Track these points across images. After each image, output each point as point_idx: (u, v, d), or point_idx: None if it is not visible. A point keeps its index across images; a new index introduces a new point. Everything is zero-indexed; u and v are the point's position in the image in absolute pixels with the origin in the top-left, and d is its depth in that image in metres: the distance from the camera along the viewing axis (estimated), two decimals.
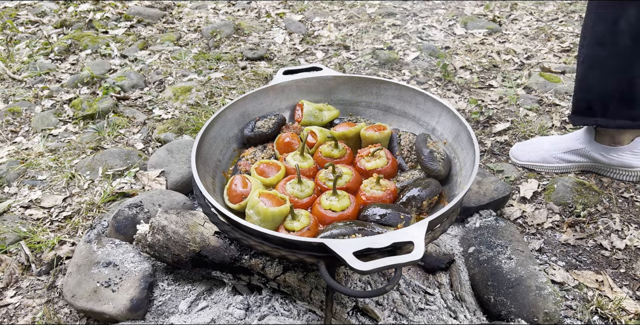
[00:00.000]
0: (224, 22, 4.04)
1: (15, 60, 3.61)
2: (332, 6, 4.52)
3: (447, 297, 1.68)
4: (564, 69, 3.22)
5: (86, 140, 2.64)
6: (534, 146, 2.32)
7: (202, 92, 3.04)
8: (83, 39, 3.81)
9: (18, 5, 4.54)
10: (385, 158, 1.61)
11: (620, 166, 2.16)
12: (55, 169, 2.43)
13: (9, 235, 1.98)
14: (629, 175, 2.18)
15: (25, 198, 2.23)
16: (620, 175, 2.20)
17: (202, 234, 1.63)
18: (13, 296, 1.79)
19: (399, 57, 3.47)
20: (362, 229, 1.30)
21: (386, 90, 1.85)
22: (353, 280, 1.61)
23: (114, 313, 1.58)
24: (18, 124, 2.87)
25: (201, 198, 1.38)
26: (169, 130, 2.65)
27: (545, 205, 2.11)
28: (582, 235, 1.98)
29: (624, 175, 2.19)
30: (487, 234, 1.87)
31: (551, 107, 2.83)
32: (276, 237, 1.21)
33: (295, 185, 1.49)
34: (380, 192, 1.47)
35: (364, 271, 1.04)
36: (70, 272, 1.71)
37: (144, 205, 1.93)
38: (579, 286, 1.77)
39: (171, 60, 3.57)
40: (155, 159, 2.33)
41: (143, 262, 1.74)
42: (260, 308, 1.60)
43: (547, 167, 2.27)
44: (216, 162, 1.66)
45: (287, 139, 1.71)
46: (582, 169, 2.27)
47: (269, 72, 3.32)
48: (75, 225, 2.07)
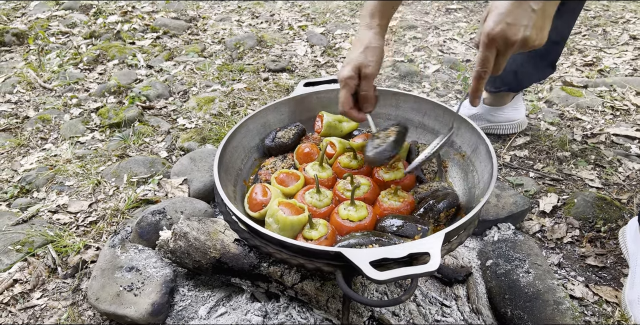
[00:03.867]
0: (248, 34, 4.13)
1: (46, 69, 3.73)
2: (354, 19, 4.58)
3: (463, 309, 1.68)
4: (586, 83, 3.20)
5: (112, 148, 2.71)
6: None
7: (225, 102, 3.11)
8: (111, 49, 3.93)
9: (50, 17, 4.71)
10: (403, 169, 1.63)
11: (505, 121, 2.61)
12: (82, 175, 2.50)
13: (37, 238, 2.05)
14: (512, 128, 2.65)
15: (53, 203, 2.30)
16: (506, 129, 2.65)
17: (223, 241, 1.67)
18: (39, 298, 1.84)
19: (420, 69, 3.49)
20: (379, 240, 1.32)
21: (405, 102, 1.88)
22: (370, 290, 1.62)
23: (135, 316, 1.62)
24: (47, 131, 2.97)
25: (222, 206, 1.42)
26: (192, 139, 2.71)
27: (565, 220, 2.10)
28: (603, 251, 1.96)
29: (509, 129, 2.65)
30: (506, 247, 1.87)
31: (572, 121, 2.81)
32: (294, 245, 1.24)
33: (314, 195, 1.52)
34: (398, 203, 1.49)
35: (380, 281, 1.06)
36: (94, 275, 1.76)
37: (166, 212, 1.98)
38: (598, 302, 1.75)
39: (195, 71, 3.65)
40: (178, 167, 2.38)
41: (165, 268, 1.78)
42: (278, 315, 1.62)
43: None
44: (237, 171, 1.70)
45: (306, 150, 1.74)
46: (485, 131, 2.33)
47: (290, 83, 3.38)
48: (100, 230, 2.13)
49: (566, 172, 2.39)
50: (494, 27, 1.18)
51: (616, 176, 2.35)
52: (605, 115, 2.85)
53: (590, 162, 2.45)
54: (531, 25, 1.18)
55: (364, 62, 1.52)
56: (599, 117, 2.84)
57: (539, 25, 1.19)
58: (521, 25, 1.17)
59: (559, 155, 2.50)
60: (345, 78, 1.51)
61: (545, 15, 1.20)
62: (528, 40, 1.18)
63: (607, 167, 2.41)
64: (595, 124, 2.77)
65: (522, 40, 1.18)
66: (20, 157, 2.73)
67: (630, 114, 2.86)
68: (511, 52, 1.22)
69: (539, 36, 1.21)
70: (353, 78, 1.52)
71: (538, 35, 1.20)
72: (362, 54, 1.52)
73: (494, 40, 1.19)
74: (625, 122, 2.77)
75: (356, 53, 1.53)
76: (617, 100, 2.99)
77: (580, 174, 2.37)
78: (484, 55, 1.23)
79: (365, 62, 1.52)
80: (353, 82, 1.53)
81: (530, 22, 1.17)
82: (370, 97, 1.58)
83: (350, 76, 1.51)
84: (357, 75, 1.53)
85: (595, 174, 2.37)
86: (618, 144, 2.59)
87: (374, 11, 1.60)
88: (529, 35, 1.18)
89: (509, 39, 1.18)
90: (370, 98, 1.58)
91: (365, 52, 1.52)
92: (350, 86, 1.53)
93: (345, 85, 1.53)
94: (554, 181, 2.35)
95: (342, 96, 1.55)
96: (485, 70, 1.26)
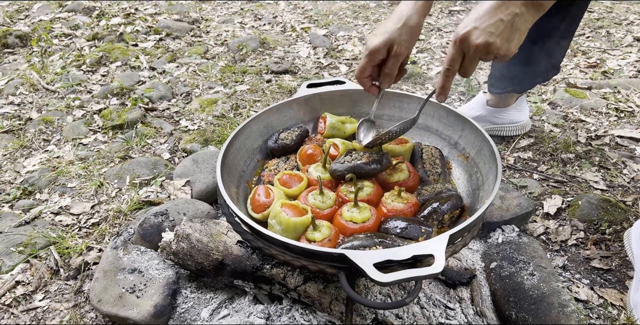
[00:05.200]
0: (250, 36, 4.13)
1: (49, 71, 3.74)
2: (357, 21, 4.58)
3: (467, 312, 1.67)
4: (590, 84, 3.19)
5: (115, 150, 2.71)
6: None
7: (228, 104, 3.11)
8: (114, 51, 3.93)
9: (53, 19, 4.72)
10: (407, 171, 1.62)
11: (509, 123, 2.60)
12: (84, 177, 2.50)
13: (39, 240, 2.05)
14: (516, 129, 2.63)
15: (56, 205, 2.30)
16: (510, 131, 2.64)
17: (225, 243, 1.66)
18: (42, 299, 1.84)
19: (423, 71, 3.48)
20: (383, 241, 1.31)
21: (409, 104, 1.87)
22: (373, 292, 1.61)
23: (137, 318, 1.62)
24: (50, 133, 2.97)
25: (225, 207, 1.41)
26: (195, 141, 2.71)
27: (569, 222, 2.09)
28: (608, 254, 1.94)
29: (513, 130, 2.64)
30: (510, 249, 1.86)
31: (576, 123, 2.80)
32: (297, 247, 1.24)
33: (317, 197, 1.51)
34: (402, 205, 1.48)
35: (383, 283, 1.05)
36: (96, 277, 1.75)
37: (169, 214, 1.98)
38: (603, 304, 1.74)
39: (198, 72, 3.65)
40: (181, 169, 2.38)
41: (167, 270, 1.77)
42: (281, 318, 1.61)
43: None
44: (240, 173, 1.70)
45: (309, 151, 1.74)
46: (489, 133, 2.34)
47: (293, 85, 3.37)
48: (103, 232, 2.12)
49: (570, 174, 2.38)
50: (461, 30, 1.26)
51: (621, 178, 2.33)
52: (610, 117, 2.84)
53: (595, 164, 2.43)
54: (496, 34, 1.23)
55: (397, 40, 1.45)
56: (603, 119, 2.82)
57: (505, 36, 1.24)
58: (486, 31, 1.23)
59: (563, 157, 2.49)
60: (373, 50, 1.46)
61: (514, 28, 1.24)
62: (491, 46, 1.23)
63: (612, 169, 2.39)
64: (599, 125, 2.76)
65: (485, 45, 1.23)
66: (23, 158, 2.73)
67: (634, 115, 2.84)
68: (475, 55, 1.26)
69: (505, 46, 1.25)
70: (381, 53, 1.47)
71: (503, 45, 1.24)
72: (398, 30, 1.45)
73: (460, 42, 1.26)
74: (629, 124, 2.76)
75: (392, 26, 1.46)
76: (622, 102, 2.97)
77: (584, 176, 2.35)
78: (451, 54, 1.30)
79: (399, 39, 1.45)
80: (379, 57, 1.48)
81: (495, 30, 1.22)
82: (392, 75, 1.53)
83: (378, 50, 1.46)
84: (387, 51, 1.47)
85: (600, 176, 2.35)
86: (622, 146, 2.57)
87: None
88: (492, 41, 1.22)
89: (472, 42, 1.24)
90: (391, 76, 1.53)
91: (402, 29, 1.45)
92: (374, 59, 1.49)
93: (370, 56, 1.48)
94: (558, 183, 2.33)
95: (361, 63, 1.51)
96: (449, 69, 1.32)
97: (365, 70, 1.53)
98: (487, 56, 1.27)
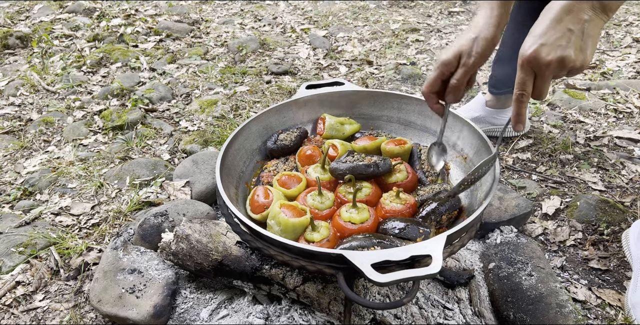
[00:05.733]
0: (250, 37, 4.14)
1: (50, 72, 3.75)
2: (357, 22, 4.59)
3: (466, 312, 1.67)
4: (589, 85, 3.20)
5: (115, 151, 2.72)
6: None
7: (228, 105, 3.11)
8: (114, 52, 3.95)
9: (53, 20, 4.73)
10: (405, 172, 1.63)
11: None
12: (84, 177, 2.51)
13: (39, 240, 2.05)
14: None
15: (56, 205, 2.31)
16: (509, 132, 2.66)
17: (225, 244, 1.67)
18: (42, 300, 1.85)
19: (422, 72, 3.49)
20: (381, 242, 1.32)
21: (407, 105, 1.88)
22: (372, 292, 1.62)
23: (137, 319, 1.62)
24: (50, 134, 2.98)
25: (224, 208, 1.42)
26: (195, 141, 2.72)
27: (567, 223, 2.09)
28: (606, 254, 1.95)
29: (512, 131, 2.66)
30: (508, 250, 1.86)
31: (575, 124, 2.81)
32: (296, 248, 1.24)
33: (316, 197, 1.52)
34: (400, 206, 1.49)
35: (381, 283, 1.06)
36: (96, 277, 1.76)
37: (169, 214, 1.98)
38: (601, 305, 1.74)
39: (198, 73, 3.66)
40: (180, 170, 2.39)
41: (167, 270, 1.78)
42: (280, 318, 1.62)
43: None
44: (239, 174, 1.70)
45: (308, 152, 1.74)
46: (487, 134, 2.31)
47: (292, 86, 3.38)
48: (103, 232, 2.13)
49: (569, 175, 2.39)
50: (527, 49, 1.16)
51: (619, 179, 2.34)
52: (608, 118, 2.85)
53: (593, 165, 2.44)
54: (568, 46, 1.13)
55: (468, 51, 1.41)
56: (602, 120, 2.83)
57: (578, 46, 1.14)
58: (556, 45, 1.13)
59: (562, 158, 2.50)
60: (443, 63, 1.43)
61: (586, 35, 1.15)
62: (565, 60, 1.13)
63: (610, 169, 2.40)
64: (598, 126, 2.77)
65: (558, 60, 1.14)
66: (23, 159, 2.74)
67: (633, 116, 2.85)
68: (549, 73, 1.17)
69: (580, 57, 1.15)
70: (451, 65, 1.43)
71: (578, 56, 1.15)
72: (470, 42, 1.41)
73: (528, 62, 1.16)
74: (628, 125, 2.76)
75: (466, 39, 1.43)
76: (620, 103, 2.98)
77: (583, 177, 2.36)
78: (521, 78, 1.20)
79: (470, 51, 1.41)
80: (448, 69, 1.45)
81: (566, 43, 1.13)
82: (459, 88, 1.47)
83: (449, 62, 1.43)
84: (457, 62, 1.43)
85: (598, 177, 2.36)
86: (621, 147, 2.58)
87: None
88: (566, 55, 1.13)
89: (543, 59, 1.14)
90: (458, 89, 1.48)
91: (474, 41, 1.41)
92: (443, 72, 1.45)
93: (438, 69, 1.45)
94: (556, 184, 2.34)
95: (431, 76, 1.47)
96: (523, 93, 1.21)
97: (434, 84, 1.48)
98: (562, 72, 1.17)
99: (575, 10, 1.13)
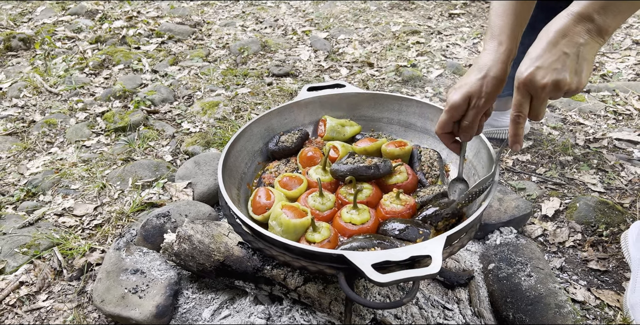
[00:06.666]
0: (252, 39, 4.16)
1: (52, 74, 3.77)
2: (357, 24, 4.61)
3: (465, 312, 1.69)
4: (588, 87, 3.21)
5: (117, 152, 2.74)
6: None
7: (229, 106, 3.13)
8: (116, 54, 3.97)
9: (56, 22, 4.75)
10: (405, 173, 1.64)
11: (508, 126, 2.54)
12: (87, 178, 2.53)
13: (43, 241, 2.07)
14: None
15: (59, 206, 2.33)
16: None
17: (227, 244, 1.69)
18: (45, 300, 1.86)
19: (423, 74, 3.51)
20: (381, 243, 1.33)
21: (408, 107, 1.90)
22: (372, 293, 1.63)
23: (140, 319, 1.64)
24: (53, 135, 3.00)
25: (226, 209, 1.44)
26: (197, 143, 2.74)
27: (567, 224, 2.11)
28: (605, 255, 1.96)
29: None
30: (508, 251, 1.88)
31: (575, 125, 2.82)
32: (297, 248, 1.26)
33: (317, 198, 1.54)
34: (400, 207, 1.50)
35: (382, 283, 1.08)
36: (99, 278, 1.78)
37: (171, 215, 2.00)
38: (600, 306, 1.76)
39: (200, 75, 3.68)
40: (182, 171, 2.41)
41: (169, 270, 1.80)
42: (281, 318, 1.64)
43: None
44: (241, 175, 1.72)
45: (309, 153, 1.76)
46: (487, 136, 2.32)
47: (294, 88, 3.40)
48: (105, 233, 2.15)
49: (568, 177, 2.40)
50: (523, 72, 1.16)
51: (618, 180, 2.35)
52: (608, 120, 2.86)
53: (593, 167, 2.45)
54: (563, 69, 1.14)
55: (478, 93, 1.39)
56: (602, 122, 2.84)
57: (573, 69, 1.15)
58: (551, 69, 1.13)
59: (562, 160, 2.51)
60: (453, 105, 1.41)
61: (581, 58, 1.15)
62: (560, 83, 1.14)
63: (610, 171, 2.41)
64: (597, 128, 2.78)
65: (553, 83, 1.14)
66: (26, 160, 2.76)
67: (632, 118, 2.86)
68: (545, 95, 1.17)
69: (575, 80, 1.16)
70: (461, 107, 1.41)
71: (573, 79, 1.15)
72: (479, 82, 1.39)
73: (524, 85, 1.17)
74: (627, 127, 2.78)
75: (474, 78, 1.40)
76: (620, 105, 3.00)
77: (582, 179, 2.37)
78: (517, 100, 1.21)
79: (480, 92, 1.39)
80: (459, 112, 1.43)
81: (561, 66, 1.14)
82: (471, 128, 1.46)
83: (458, 106, 1.41)
84: (467, 105, 1.42)
85: (598, 179, 2.37)
86: (620, 149, 2.60)
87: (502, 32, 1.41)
88: (560, 78, 1.13)
89: (538, 82, 1.15)
90: (471, 129, 1.47)
91: (483, 80, 1.39)
92: (454, 114, 1.43)
93: (450, 112, 1.43)
94: (556, 185, 2.36)
95: (442, 119, 1.46)
96: (519, 115, 1.22)
97: (445, 126, 1.47)
98: (557, 94, 1.18)
99: (570, 34, 1.13)
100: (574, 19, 1.13)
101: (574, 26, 1.13)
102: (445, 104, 1.44)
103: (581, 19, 1.12)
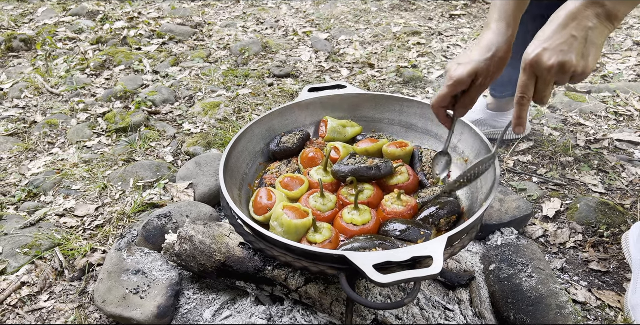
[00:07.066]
0: (253, 40, 4.16)
1: (54, 75, 3.78)
2: (358, 25, 4.61)
3: (466, 313, 1.69)
4: (589, 88, 3.22)
5: (118, 153, 2.74)
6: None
7: (230, 107, 3.14)
8: (117, 55, 3.97)
9: (57, 23, 4.76)
10: (406, 174, 1.65)
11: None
12: (88, 179, 2.53)
13: (44, 242, 2.07)
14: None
15: (60, 207, 2.33)
16: (510, 134, 2.69)
17: (228, 245, 1.69)
18: (47, 300, 1.87)
19: (423, 75, 3.51)
20: (383, 243, 1.34)
21: (409, 108, 1.90)
22: (373, 293, 1.63)
23: (141, 319, 1.64)
24: (55, 136, 3.01)
25: (228, 209, 1.44)
26: (198, 144, 2.74)
27: (568, 225, 2.11)
28: (606, 256, 1.96)
29: (513, 134, 2.67)
30: (509, 252, 1.88)
31: (576, 126, 2.82)
32: (299, 249, 1.26)
33: (318, 199, 1.54)
34: (401, 208, 1.51)
35: (383, 284, 1.08)
36: (101, 278, 1.78)
37: (172, 216, 2.00)
38: (601, 306, 1.76)
39: (201, 76, 3.68)
40: (184, 172, 2.41)
41: (170, 271, 1.80)
42: (282, 319, 1.64)
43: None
44: (243, 176, 1.72)
45: (311, 154, 1.76)
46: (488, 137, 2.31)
47: (295, 89, 3.40)
48: (107, 233, 2.15)
49: (569, 178, 2.40)
50: (530, 53, 1.18)
51: (619, 181, 2.35)
52: (609, 121, 2.86)
53: (594, 168, 2.45)
54: (570, 51, 1.14)
55: (485, 71, 1.39)
56: (603, 123, 2.85)
57: (580, 52, 1.15)
58: (558, 50, 1.15)
59: (562, 161, 2.51)
60: (458, 80, 1.40)
61: (589, 42, 1.16)
62: (566, 65, 1.15)
63: (611, 172, 2.41)
64: (598, 129, 2.78)
65: (559, 65, 1.15)
66: (28, 161, 2.76)
67: (633, 119, 2.86)
68: (550, 77, 1.18)
69: (582, 63, 1.16)
70: (465, 83, 1.41)
71: (579, 62, 1.16)
72: (487, 61, 1.39)
73: (530, 66, 1.18)
74: (628, 128, 2.78)
75: (481, 57, 1.39)
76: (621, 105, 3.00)
77: (583, 180, 2.38)
78: (523, 81, 1.22)
79: (487, 71, 1.39)
80: (462, 87, 1.43)
81: (568, 48, 1.14)
82: (470, 104, 1.48)
83: (464, 81, 1.40)
84: (471, 81, 1.41)
85: (599, 180, 2.37)
86: (621, 150, 2.60)
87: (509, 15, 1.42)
88: (567, 60, 1.14)
89: (544, 64, 1.16)
90: (471, 105, 1.49)
91: (491, 61, 1.39)
92: (456, 90, 1.43)
93: (453, 86, 1.42)
94: (557, 186, 2.36)
95: (443, 93, 1.44)
96: (524, 96, 1.23)
97: (444, 99, 1.46)
98: (563, 77, 1.18)
99: (580, 18, 1.14)
100: (584, 3, 1.14)
101: (584, 10, 1.15)
102: (448, 79, 1.43)
103: (592, 3, 1.14)
